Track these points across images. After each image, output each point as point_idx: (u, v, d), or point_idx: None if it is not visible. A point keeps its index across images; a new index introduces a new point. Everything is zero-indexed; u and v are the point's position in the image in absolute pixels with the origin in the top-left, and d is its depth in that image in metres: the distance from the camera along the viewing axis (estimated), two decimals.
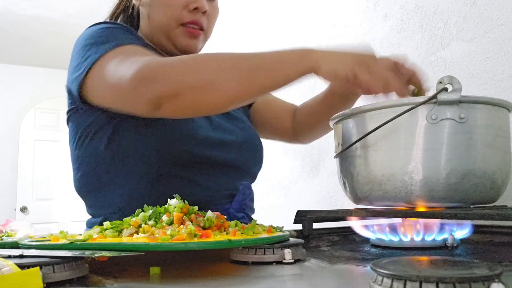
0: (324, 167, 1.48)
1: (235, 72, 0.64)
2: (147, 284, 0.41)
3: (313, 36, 1.56)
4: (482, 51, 0.98)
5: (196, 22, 0.84)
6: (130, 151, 0.76)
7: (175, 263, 0.51)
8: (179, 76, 0.64)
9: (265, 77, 0.64)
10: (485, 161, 0.60)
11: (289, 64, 0.63)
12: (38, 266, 0.36)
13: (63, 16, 3.28)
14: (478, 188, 0.60)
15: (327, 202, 1.44)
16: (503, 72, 0.94)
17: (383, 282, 0.31)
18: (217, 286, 0.39)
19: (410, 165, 0.59)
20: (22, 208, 4.09)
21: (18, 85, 4.28)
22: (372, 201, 0.66)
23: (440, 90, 0.57)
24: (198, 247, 0.43)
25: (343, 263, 0.51)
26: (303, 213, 0.70)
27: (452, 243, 0.61)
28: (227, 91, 0.63)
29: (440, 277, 0.28)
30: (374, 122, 0.61)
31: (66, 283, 0.39)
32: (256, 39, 1.87)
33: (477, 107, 0.60)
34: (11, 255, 0.42)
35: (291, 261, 0.48)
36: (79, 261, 0.41)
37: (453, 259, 0.35)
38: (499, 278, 0.29)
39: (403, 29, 1.20)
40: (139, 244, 0.43)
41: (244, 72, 0.64)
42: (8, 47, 3.89)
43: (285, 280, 0.42)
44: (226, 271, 0.47)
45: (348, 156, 0.68)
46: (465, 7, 1.03)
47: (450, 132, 0.58)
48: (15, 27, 3.47)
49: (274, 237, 0.51)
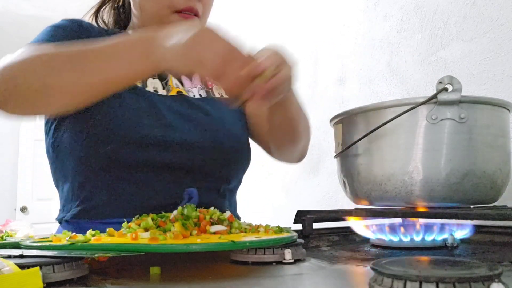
0: (324, 167, 1.48)
1: (67, 68, 0.59)
2: (147, 284, 0.41)
3: (313, 36, 1.56)
4: (482, 51, 0.98)
5: (190, 9, 0.78)
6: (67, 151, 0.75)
7: (175, 263, 0.51)
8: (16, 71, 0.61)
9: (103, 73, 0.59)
10: (485, 161, 0.60)
11: (130, 60, 0.58)
12: (38, 266, 0.36)
13: (63, 16, 3.26)
14: (478, 188, 0.60)
15: (327, 202, 1.44)
16: (503, 72, 0.94)
17: (383, 282, 0.31)
18: (217, 286, 0.39)
19: (410, 165, 0.59)
20: (22, 208, 4.09)
21: None
22: (372, 201, 0.66)
23: (440, 90, 0.57)
24: (201, 249, 0.43)
25: (343, 263, 0.51)
26: (303, 213, 0.70)
27: (452, 243, 0.61)
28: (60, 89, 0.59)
29: (440, 277, 0.28)
30: (374, 122, 0.61)
31: (66, 283, 0.39)
32: (255, 39, 1.87)
33: (477, 107, 0.60)
34: (11, 255, 0.42)
35: (291, 261, 0.48)
36: (79, 261, 0.41)
37: (453, 259, 0.35)
38: (499, 278, 0.29)
39: (403, 29, 1.20)
40: (140, 246, 0.43)
41: (78, 67, 0.59)
42: (8, 47, 3.88)
43: (285, 280, 0.42)
44: (226, 271, 0.47)
45: (348, 156, 0.68)
46: (465, 7, 1.03)
47: (450, 132, 0.58)
48: (15, 27, 3.47)
49: (280, 238, 0.50)
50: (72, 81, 0.59)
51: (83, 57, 0.60)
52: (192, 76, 0.87)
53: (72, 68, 0.59)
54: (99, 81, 0.60)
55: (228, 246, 0.44)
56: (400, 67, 1.20)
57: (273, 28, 1.77)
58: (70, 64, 0.60)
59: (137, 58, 0.58)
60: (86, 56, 0.60)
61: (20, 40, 4.09)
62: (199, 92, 0.86)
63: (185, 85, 0.85)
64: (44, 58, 0.61)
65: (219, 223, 0.54)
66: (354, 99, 1.35)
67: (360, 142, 0.63)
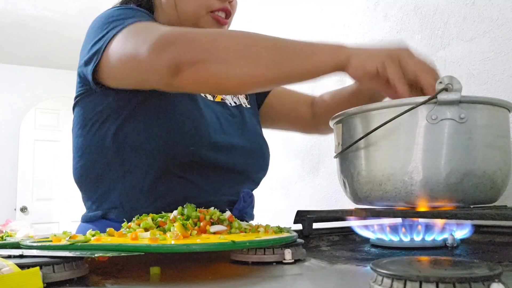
0: (324, 167, 1.48)
1: (265, 54, 0.62)
2: (147, 284, 0.41)
3: (313, 36, 1.56)
4: (482, 51, 0.98)
5: (225, 9, 0.82)
6: (136, 145, 0.74)
7: (175, 263, 0.51)
8: (205, 44, 0.62)
9: (295, 65, 0.62)
10: (485, 161, 0.60)
11: (321, 55, 0.62)
12: (38, 266, 0.36)
13: (63, 16, 3.28)
14: (478, 188, 0.60)
15: (327, 202, 1.44)
16: (503, 72, 0.94)
17: (383, 282, 0.31)
18: (217, 286, 0.39)
19: (410, 165, 0.59)
20: (22, 208, 4.09)
21: (18, 85, 4.28)
22: (372, 201, 0.66)
23: (440, 90, 0.57)
24: (201, 249, 0.42)
25: (343, 263, 0.51)
26: (303, 213, 0.70)
27: (452, 243, 0.61)
28: (253, 71, 0.61)
29: (440, 277, 0.28)
30: (374, 122, 0.61)
31: (66, 283, 0.39)
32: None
33: (477, 107, 0.60)
34: (11, 255, 0.42)
35: (291, 261, 0.48)
36: (79, 261, 0.41)
37: (453, 259, 0.35)
38: (499, 278, 0.29)
39: (403, 29, 1.20)
40: (140, 246, 0.43)
41: (274, 56, 0.62)
42: (8, 47, 3.89)
43: (285, 280, 0.42)
44: (226, 271, 0.47)
45: (348, 156, 0.68)
46: (465, 7, 1.03)
47: (450, 132, 0.58)
48: (15, 27, 3.47)
49: (280, 238, 0.50)
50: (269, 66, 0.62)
51: (283, 49, 0.63)
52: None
53: (273, 58, 0.62)
54: (291, 72, 0.63)
55: (228, 246, 0.44)
56: None
57: (273, 28, 1.77)
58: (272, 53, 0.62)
59: (327, 54, 0.62)
60: (285, 48, 0.63)
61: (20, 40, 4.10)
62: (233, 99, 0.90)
63: None
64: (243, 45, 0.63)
65: (219, 223, 0.54)
66: None
67: (360, 142, 0.63)
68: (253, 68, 0.61)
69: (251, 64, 0.61)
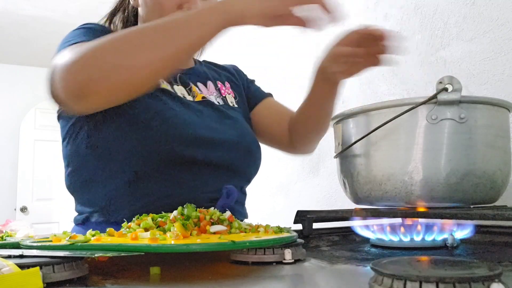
0: (324, 167, 1.48)
1: (145, 44, 0.63)
2: (147, 284, 0.41)
3: (312, 35, 1.56)
4: (482, 51, 0.98)
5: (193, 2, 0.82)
6: (112, 150, 0.76)
7: (175, 263, 0.51)
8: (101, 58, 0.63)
9: (177, 39, 0.63)
10: (485, 161, 0.60)
11: (201, 20, 0.63)
12: (38, 266, 0.36)
13: (63, 16, 3.28)
14: (478, 188, 0.60)
15: (327, 202, 1.44)
16: (503, 72, 0.94)
17: (383, 282, 0.31)
18: (217, 286, 0.39)
19: (410, 165, 0.59)
20: (22, 208, 4.09)
21: (18, 85, 4.28)
22: (372, 201, 0.66)
23: (440, 90, 0.57)
24: (201, 249, 0.43)
25: (343, 263, 0.51)
26: (303, 213, 0.70)
27: (452, 243, 0.61)
28: (141, 66, 0.62)
29: (440, 277, 0.28)
30: (374, 122, 0.61)
31: (66, 283, 0.39)
32: (254, 38, 1.87)
33: (477, 107, 0.60)
34: (11, 255, 0.42)
35: (291, 261, 0.48)
36: (79, 261, 0.41)
37: (453, 259, 0.35)
38: (499, 278, 0.29)
39: (403, 29, 1.20)
40: (140, 246, 0.43)
41: (156, 39, 0.63)
42: (8, 47, 3.89)
43: (285, 280, 0.42)
44: (226, 271, 0.47)
45: (348, 156, 0.68)
46: (465, 7, 1.03)
47: (450, 132, 0.58)
48: (15, 27, 3.47)
49: (280, 238, 0.50)
50: (154, 54, 0.63)
51: (154, 32, 0.64)
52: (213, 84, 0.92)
53: (150, 43, 0.63)
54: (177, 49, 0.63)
55: (228, 246, 0.44)
56: (400, 67, 1.20)
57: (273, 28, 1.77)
58: (146, 39, 0.64)
59: (208, 17, 0.63)
60: (157, 30, 0.64)
61: (20, 40, 4.09)
62: (216, 99, 0.90)
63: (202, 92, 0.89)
64: (117, 43, 0.64)
65: (219, 223, 0.54)
66: (354, 99, 1.35)
67: (360, 142, 0.64)
68: (140, 64, 0.62)
69: (137, 61, 0.62)
